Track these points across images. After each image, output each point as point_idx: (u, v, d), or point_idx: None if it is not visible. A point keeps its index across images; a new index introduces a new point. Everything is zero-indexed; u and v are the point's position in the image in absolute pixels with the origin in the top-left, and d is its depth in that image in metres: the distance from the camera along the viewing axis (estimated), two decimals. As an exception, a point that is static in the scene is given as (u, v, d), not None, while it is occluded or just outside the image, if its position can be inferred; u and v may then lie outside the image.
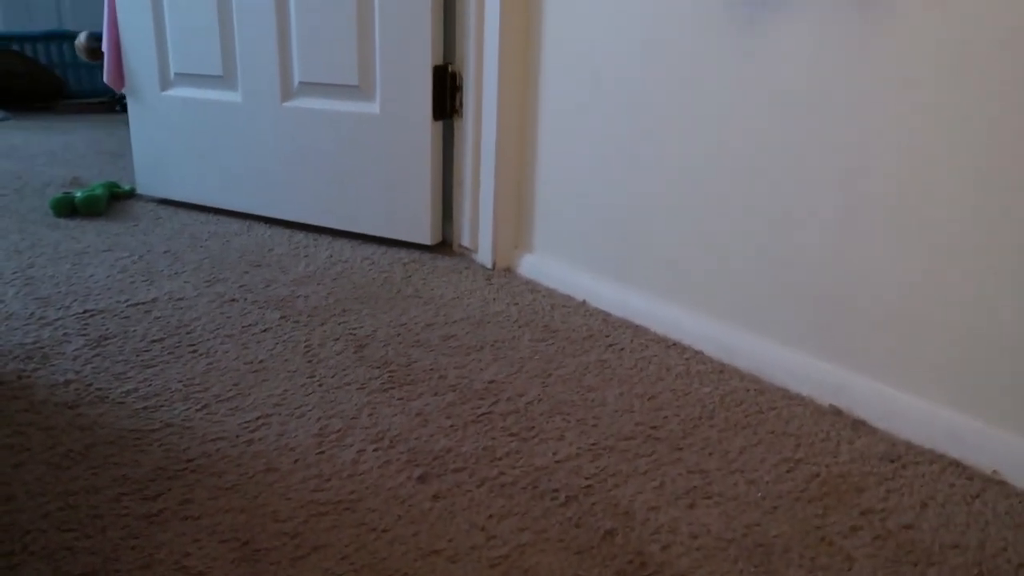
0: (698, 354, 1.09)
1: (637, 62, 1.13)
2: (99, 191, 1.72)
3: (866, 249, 0.90)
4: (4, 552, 0.65)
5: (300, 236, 1.58)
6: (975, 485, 0.79)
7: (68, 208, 1.67)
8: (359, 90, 1.48)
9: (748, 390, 0.99)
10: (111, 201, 1.79)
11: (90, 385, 0.94)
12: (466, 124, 1.42)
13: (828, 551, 0.68)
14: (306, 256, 1.46)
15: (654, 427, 0.89)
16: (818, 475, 0.80)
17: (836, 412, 0.94)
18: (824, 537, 0.70)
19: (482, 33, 1.34)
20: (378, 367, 1.02)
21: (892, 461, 0.83)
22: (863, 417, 0.92)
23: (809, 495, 0.77)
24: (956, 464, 0.83)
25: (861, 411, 0.92)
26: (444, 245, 1.55)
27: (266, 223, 1.67)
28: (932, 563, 0.67)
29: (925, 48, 0.82)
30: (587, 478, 0.78)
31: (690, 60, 1.06)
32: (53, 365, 0.99)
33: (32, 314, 1.14)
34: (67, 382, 0.94)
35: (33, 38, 3.30)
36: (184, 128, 1.70)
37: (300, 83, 1.53)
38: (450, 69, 1.42)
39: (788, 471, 0.81)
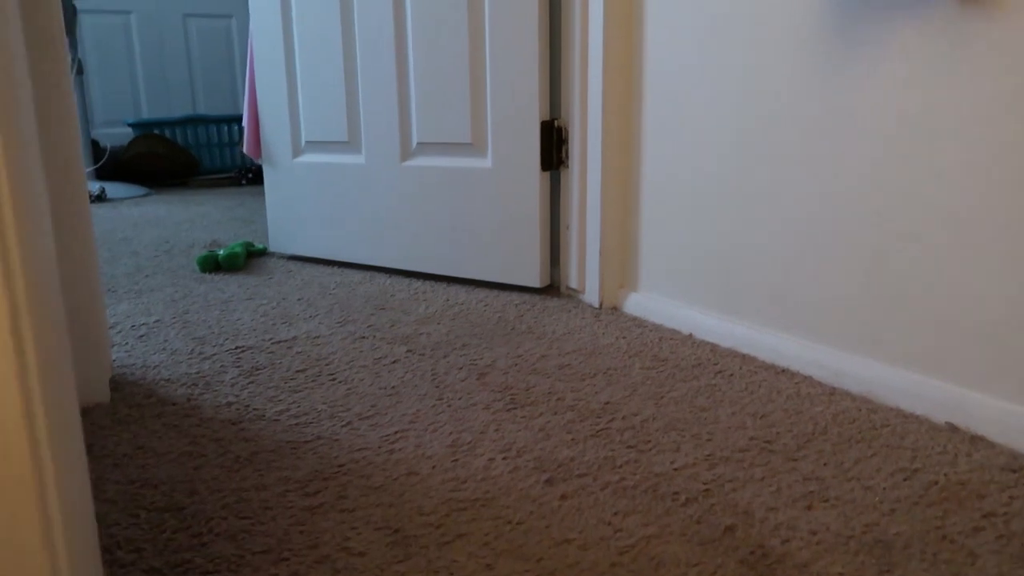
0: (807, 379, 1.12)
1: (736, 103, 1.20)
2: (238, 249, 1.90)
3: (973, 266, 0.92)
4: (195, 533, 0.75)
5: (418, 283, 1.70)
6: (1104, 494, 0.79)
7: (212, 264, 1.86)
8: (472, 147, 1.61)
9: (860, 409, 1.01)
10: (248, 258, 1.98)
11: (248, 406, 1.06)
12: (572, 174, 1.52)
13: (950, 548, 0.70)
14: (425, 300, 1.57)
15: (768, 441, 0.92)
16: (936, 482, 0.82)
17: (953, 429, 0.94)
18: (945, 536, 0.72)
19: (586, 89, 1.45)
20: (500, 391, 1.09)
21: (1014, 471, 0.84)
22: (982, 433, 0.92)
23: (928, 500, 0.78)
24: (1083, 476, 0.83)
25: (979, 428, 0.93)
26: (552, 288, 1.63)
27: (386, 273, 1.80)
28: (1060, 561, 0.68)
29: None
30: (705, 484, 0.83)
31: (790, 95, 1.12)
32: (215, 391, 1.11)
33: (192, 350, 1.28)
34: (228, 404, 1.06)
35: (172, 123, 3.68)
36: (312, 190, 1.88)
37: (418, 143, 1.68)
38: (556, 124, 1.53)
39: (905, 479, 0.82)
